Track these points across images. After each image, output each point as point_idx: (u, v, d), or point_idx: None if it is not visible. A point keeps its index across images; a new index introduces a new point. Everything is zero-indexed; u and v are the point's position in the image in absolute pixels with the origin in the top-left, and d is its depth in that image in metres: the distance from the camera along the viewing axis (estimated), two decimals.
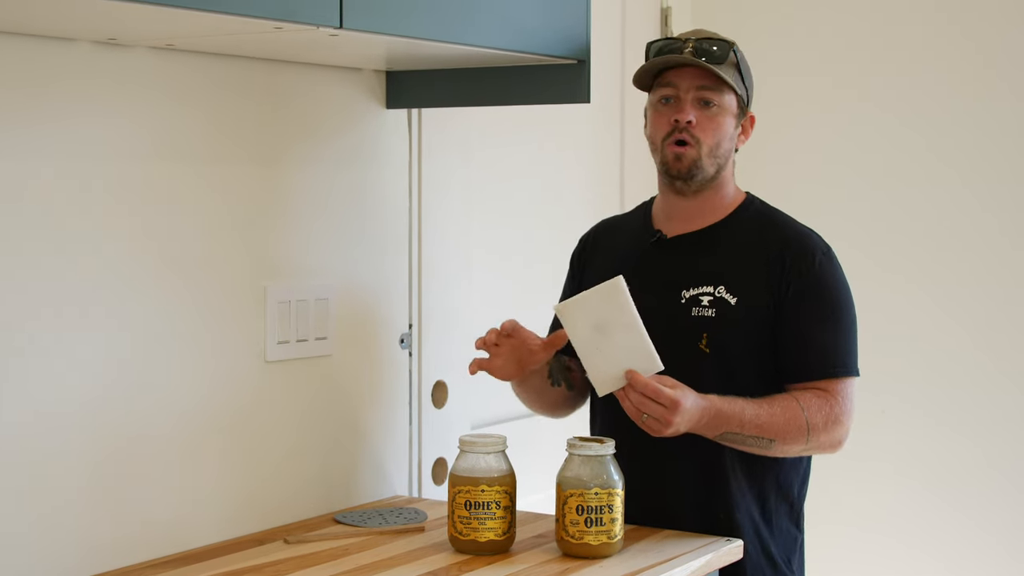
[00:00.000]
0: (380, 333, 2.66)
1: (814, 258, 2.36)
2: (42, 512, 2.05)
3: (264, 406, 2.41)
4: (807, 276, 2.35)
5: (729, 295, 2.35)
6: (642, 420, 2.21)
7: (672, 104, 2.35)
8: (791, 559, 2.43)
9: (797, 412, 2.30)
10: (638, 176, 3.54)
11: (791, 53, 3.67)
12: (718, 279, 2.36)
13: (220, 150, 2.32)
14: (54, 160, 2.05)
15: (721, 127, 2.35)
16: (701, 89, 2.34)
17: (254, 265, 2.39)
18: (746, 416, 2.27)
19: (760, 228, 2.40)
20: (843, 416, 2.33)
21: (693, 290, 2.36)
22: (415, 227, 2.73)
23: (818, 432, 2.31)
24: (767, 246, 2.37)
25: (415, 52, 2.35)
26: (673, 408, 2.20)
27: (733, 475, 2.35)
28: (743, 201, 2.44)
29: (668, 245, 2.42)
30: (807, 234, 2.40)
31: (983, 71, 3.45)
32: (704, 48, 2.33)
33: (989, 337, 3.46)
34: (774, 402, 2.30)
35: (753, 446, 2.31)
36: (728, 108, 2.36)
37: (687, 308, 2.36)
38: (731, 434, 2.28)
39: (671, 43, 2.37)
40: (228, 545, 2.28)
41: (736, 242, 2.39)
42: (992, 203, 3.45)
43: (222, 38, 2.11)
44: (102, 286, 2.12)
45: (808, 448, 2.33)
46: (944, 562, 3.52)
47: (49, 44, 2.03)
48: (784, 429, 2.29)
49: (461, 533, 2.21)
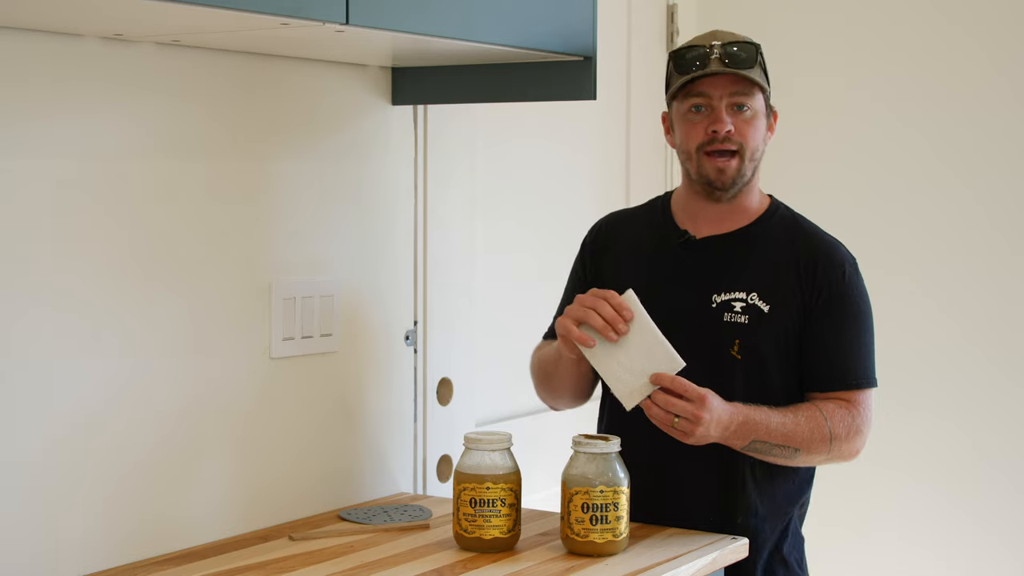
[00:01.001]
0: (385, 330, 2.66)
1: (843, 270, 2.36)
2: (47, 509, 2.05)
3: (269, 403, 2.41)
4: (835, 288, 2.35)
5: (762, 302, 2.33)
6: (673, 425, 2.21)
7: (705, 113, 2.32)
8: (801, 560, 2.44)
9: (821, 422, 2.30)
10: (644, 173, 3.54)
11: (796, 49, 3.66)
12: (751, 285, 2.34)
13: (225, 146, 2.32)
14: (58, 156, 2.05)
15: (758, 129, 2.34)
16: (734, 95, 2.31)
17: (259, 262, 2.38)
18: (772, 425, 2.27)
19: (789, 235, 2.39)
20: (863, 427, 2.35)
21: (725, 295, 2.35)
22: (420, 224, 2.73)
23: (840, 442, 2.32)
24: (797, 255, 2.36)
25: (421, 48, 2.34)
26: (701, 403, 2.20)
27: (752, 478, 2.35)
28: (769, 205, 2.43)
29: (697, 247, 2.40)
30: (835, 245, 2.40)
31: (983, 70, 3.45)
32: (732, 53, 2.30)
33: (984, 332, 3.45)
34: (798, 412, 2.31)
35: (779, 456, 2.31)
36: (760, 109, 2.34)
37: (719, 313, 2.34)
38: (758, 443, 2.28)
39: (696, 51, 2.32)
40: (233, 542, 2.28)
41: (766, 248, 2.38)
42: (989, 200, 3.44)
43: (228, 34, 2.11)
44: (107, 283, 2.12)
45: (830, 458, 2.34)
46: (943, 558, 3.51)
47: (56, 40, 2.03)
48: (809, 439, 2.30)
49: (466, 530, 2.21)
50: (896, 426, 3.50)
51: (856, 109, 3.61)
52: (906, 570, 3.55)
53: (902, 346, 3.51)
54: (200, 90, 2.27)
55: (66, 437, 2.07)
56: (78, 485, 2.09)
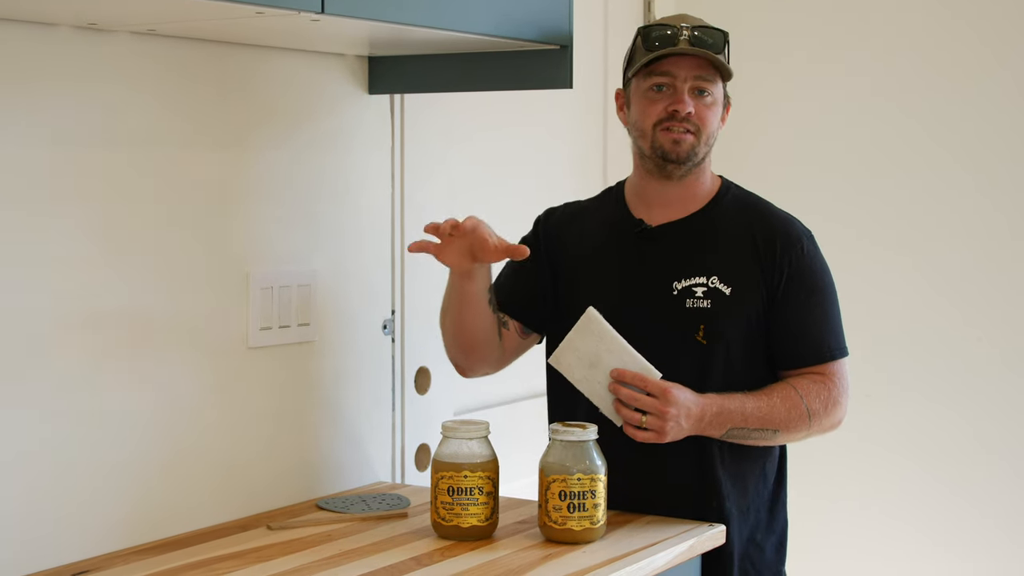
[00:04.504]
0: (363, 319, 2.66)
1: (801, 245, 2.37)
2: (24, 500, 2.04)
3: (247, 392, 2.41)
4: (796, 265, 2.36)
5: (723, 285, 2.34)
6: (642, 423, 2.22)
7: (667, 92, 2.33)
8: (781, 545, 2.45)
9: (797, 401, 2.32)
10: (621, 162, 3.54)
11: (773, 37, 3.67)
12: (710, 270, 2.35)
13: (201, 136, 2.31)
14: (34, 146, 2.04)
15: (715, 115, 2.36)
16: (698, 79, 2.33)
17: (236, 251, 2.38)
18: (748, 411, 2.29)
19: (743, 215, 2.41)
20: (841, 397, 2.37)
21: (685, 281, 2.35)
22: (398, 213, 2.73)
23: (819, 417, 2.34)
24: (753, 234, 2.38)
25: (397, 37, 2.34)
26: (664, 396, 2.21)
27: (721, 464, 2.35)
28: (720, 186, 2.44)
29: (653, 235, 2.41)
30: (790, 220, 2.41)
31: (984, 62, 3.46)
32: (701, 37, 2.31)
33: (978, 314, 3.47)
34: (772, 393, 2.32)
35: (758, 439, 2.33)
36: (719, 97, 2.36)
37: (680, 300, 2.35)
38: (736, 430, 2.29)
39: (666, 30, 2.33)
40: (211, 531, 2.28)
41: (722, 230, 2.39)
42: (985, 183, 3.45)
43: (204, 23, 2.10)
44: (83, 273, 2.12)
45: (811, 433, 2.36)
46: (939, 542, 3.52)
47: (29, 28, 2.02)
48: (786, 419, 2.31)
49: (444, 519, 2.21)
50: (895, 411, 3.52)
51: (840, 92, 3.61)
52: (905, 556, 3.56)
53: (902, 332, 3.52)
54: (176, 80, 2.26)
55: (42, 428, 2.06)
56: (55, 476, 2.08)
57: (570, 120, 3.39)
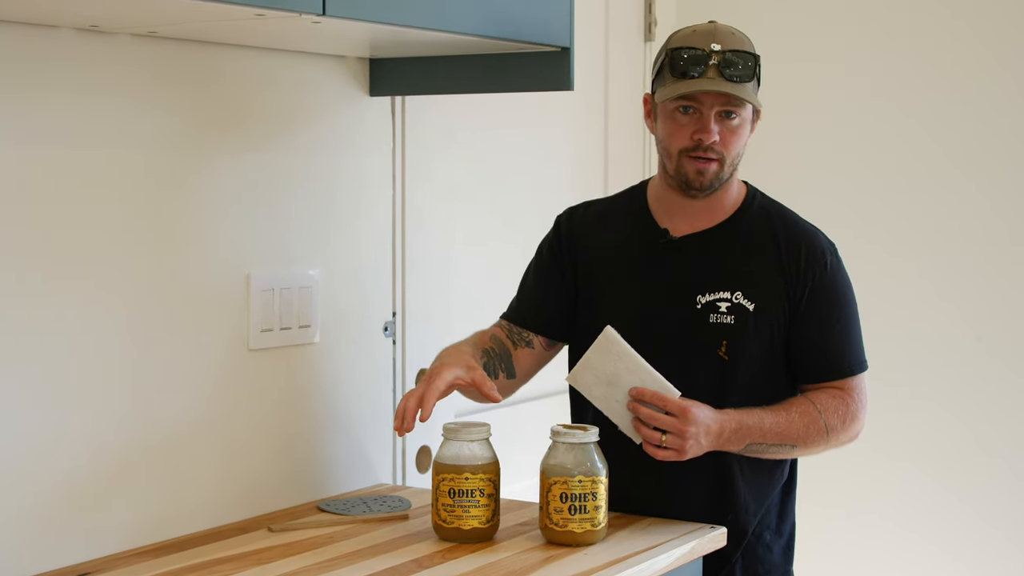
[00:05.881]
0: (364, 321, 2.66)
1: (826, 260, 2.36)
2: (24, 502, 2.04)
3: (248, 395, 2.41)
4: (820, 280, 2.34)
5: (747, 301, 2.32)
6: (661, 443, 2.21)
7: (693, 115, 2.28)
8: (788, 548, 2.45)
9: (815, 416, 2.31)
10: (622, 164, 3.55)
11: (777, 38, 3.67)
12: (734, 285, 2.33)
13: (203, 138, 2.32)
14: (34, 147, 2.04)
15: (741, 137, 2.31)
16: (725, 104, 2.27)
17: (237, 253, 2.38)
18: (766, 426, 2.28)
19: (768, 227, 2.38)
20: (859, 412, 2.36)
21: (709, 296, 2.33)
22: (399, 215, 2.73)
23: (837, 432, 2.34)
24: (778, 248, 2.35)
25: (398, 39, 2.34)
26: (683, 415, 2.20)
27: (741, 475, 2.35)
28: (746, 195, 2.41)
29: (677, 246, 2.37)
30: (815, 234, 2.39)
31: (984, 63, 3.46)
32: (731, 61, 2.25)
33: (981, 319, 3.47)
34: (791, 408, 2.31)
35: (776, 453, 2.32)
36: (747, 117, 2.31)
37: (704, 314, 2.33)
38: (754, 445, 2.29)
39: (696, 54, 2.26)
40: (212, 533, 2.28)
41: (746, 243, 2.36)
42: (985, 183, 3.45)
43: (205, 25, 2.10)
44: (84, 275, 2.12)
45: (829, 447, 2.36)
46: (939, 542, 3.53)
47: (31, 31, 2.02)
48: (804, 434, 2.31)
49: (445, 521, 2.21)
50: (897, 415, 3.52)
51: (842, 95, 3.62)
52: (907, 559, 3.56)
53: (903, 334, 3.52)
54: (177, 82, 2.26)
55: (43, 431, 2.06)
56: (57, 479, 2.08)
57: (571, 122, 3.39)
